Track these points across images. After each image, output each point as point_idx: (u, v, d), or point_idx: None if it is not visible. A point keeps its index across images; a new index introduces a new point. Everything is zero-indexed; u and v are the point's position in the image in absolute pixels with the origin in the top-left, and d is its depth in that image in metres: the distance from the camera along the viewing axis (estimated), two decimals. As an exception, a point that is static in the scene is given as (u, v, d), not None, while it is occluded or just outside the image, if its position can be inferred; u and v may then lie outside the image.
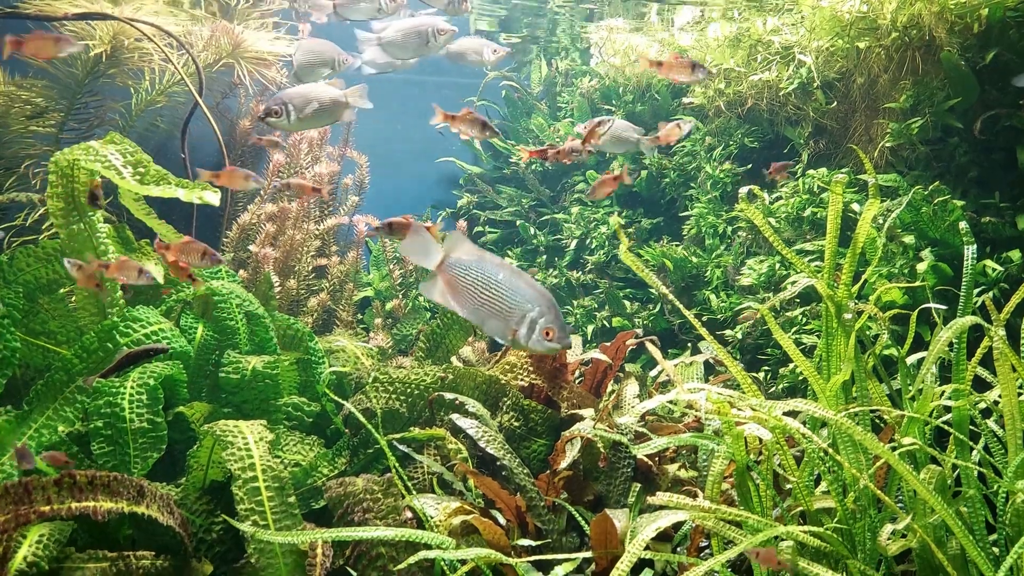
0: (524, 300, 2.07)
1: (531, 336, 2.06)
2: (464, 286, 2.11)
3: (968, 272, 2.75)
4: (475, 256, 2.14)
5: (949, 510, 2.22)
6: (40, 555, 2.40)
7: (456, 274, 2.12)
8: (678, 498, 2.36)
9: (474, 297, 2.10)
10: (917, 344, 3.11)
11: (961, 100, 3.80)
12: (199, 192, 3.28)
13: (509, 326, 2.07)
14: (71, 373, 2.93)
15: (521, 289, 2.08)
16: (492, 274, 2.10)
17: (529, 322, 2.06)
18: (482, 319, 2.11)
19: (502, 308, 2.07)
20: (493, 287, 2.08)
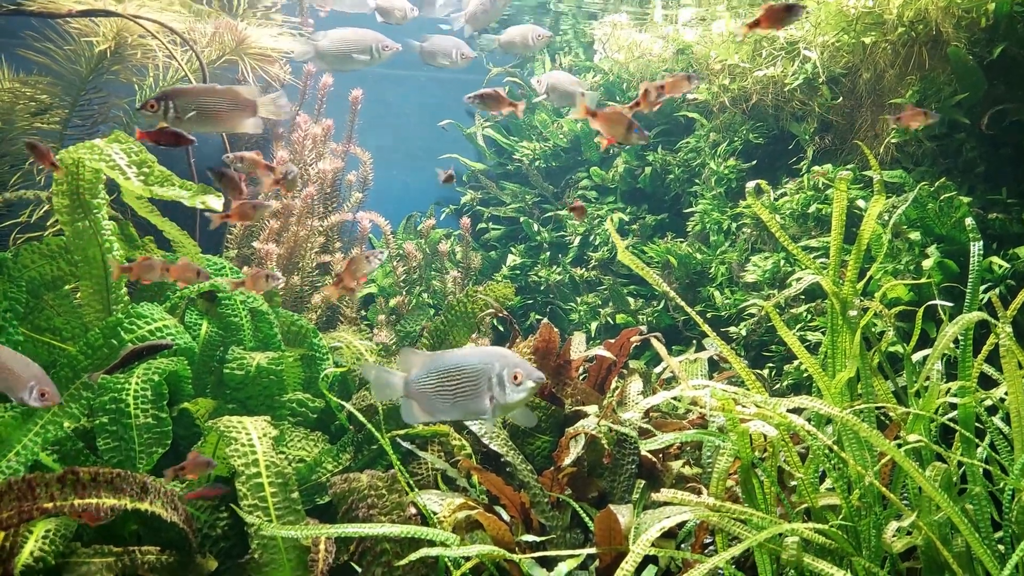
0: (481, 365, 2.13)
1: (505, 391, 2.11)
2: (432, 393, 2.17)
3: (975, 268, 2.74)
4: (426, 360, 2.21)
5: (955, 507, 2.21)
6: (46, 550, 2.41)
7: (421, 388, 2.19)
8: (683, 494, 2.36)
9: (443, 398, 2.16)
10: (923, 341, 3.10)
11: (968, 95, 3.78)
12: (202, 197, 3.29)
13: (484, 397, 2.12)
14: (76, 369, 2.93)
15: (473, 359, 2.15)
16: (444, 368, 2.16)
17: (497, 380, 2.11)
18: (463, 409, 2.17)
19: (470, 386, 2.13)
20: (454, 374, 2.15)
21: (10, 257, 3.29)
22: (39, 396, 1.97)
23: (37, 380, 1.96)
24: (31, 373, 1.97)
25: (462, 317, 4.10)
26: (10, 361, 2.00)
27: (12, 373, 1.98)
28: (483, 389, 2.12)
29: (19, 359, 1.99)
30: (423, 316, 5.08)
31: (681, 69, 5.60)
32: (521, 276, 5.84)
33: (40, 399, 1.97)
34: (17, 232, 4.22)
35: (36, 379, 1.96)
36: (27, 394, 1.97)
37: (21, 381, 1.97)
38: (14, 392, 1.97)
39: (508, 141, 6.54)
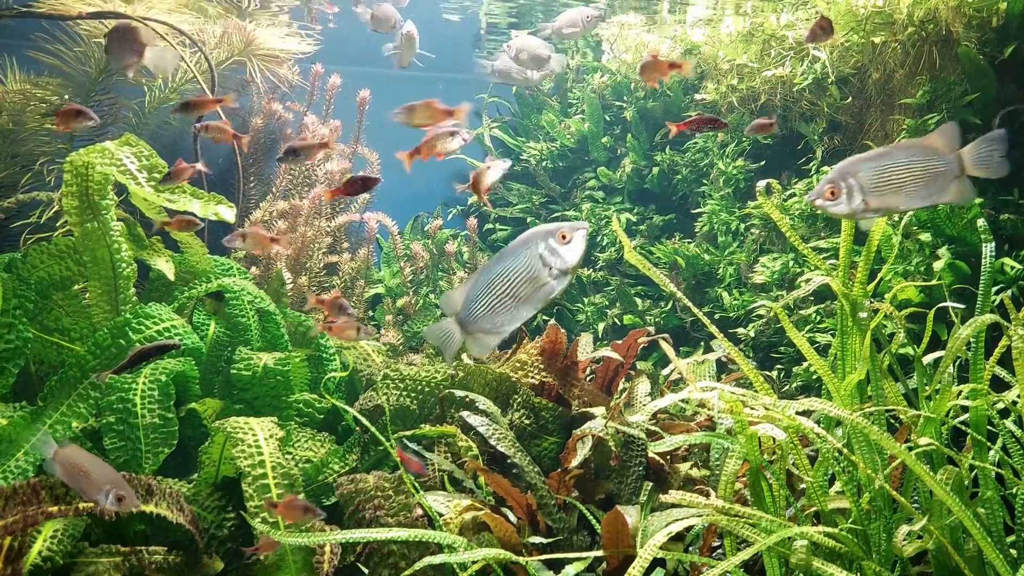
0: (523, 252, 1.99)
1: (561, 255, 1.96)
2: (490, 313, 2.04)
3: (986, 270, 2.71)
4: (466, 288, 2.08)
5: (966, 511, 2.19)
6: (54, 550, 2.42)
7: (477, 312, 2.06)
8: (691, 496, 2.34)
9: (505, 305, 2.02)
10: (934, 343, 3.08)
11: (979, 95, 3.74)
12: (214, 207, 3.30)
13: (543, 276, 1.98)
14: (84, 369, 2.94)
15: (513, 253, 2.01)
16: (489, 280, 2.03)
17: (548, 252, 1.97)
18: (528, 303, 2.01)
19: (524, 277, 1.99)
20: (503, 282, 2.01)
21: (20, 257, 3.31)
22: (116, 500, 1.99)
23: (113, 484, 1.99)
24: (108, 477, 1.99)
25: (469, 318, 4.09)
26: (87, 464, 2.03)
27: (91, 477, 2.00)
28: (538, 270, 1.98)
29: (96, 463, 2.03)
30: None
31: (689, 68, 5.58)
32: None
33: (117, 503, 1.99)
34: (27, 232, 4.24)
35: (112, 483, 1.99)
36: (103, 496, 1.99)
37: (97, 484, 2.00)
38: (89, 494, 2.00)
39: (515, 141, 6.53)
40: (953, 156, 2.01)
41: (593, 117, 5.92)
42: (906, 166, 2.01)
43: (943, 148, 2.02)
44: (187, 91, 4.86)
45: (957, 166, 2.02)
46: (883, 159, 2.01)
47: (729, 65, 4.97)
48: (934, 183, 2.02)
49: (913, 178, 2.02)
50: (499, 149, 6.66)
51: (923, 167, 2.01)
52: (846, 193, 2.03)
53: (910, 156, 2.02)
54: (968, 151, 2.00)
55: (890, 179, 2.01)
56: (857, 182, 2.01)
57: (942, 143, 2.02)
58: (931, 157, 2.02)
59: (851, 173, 2.02)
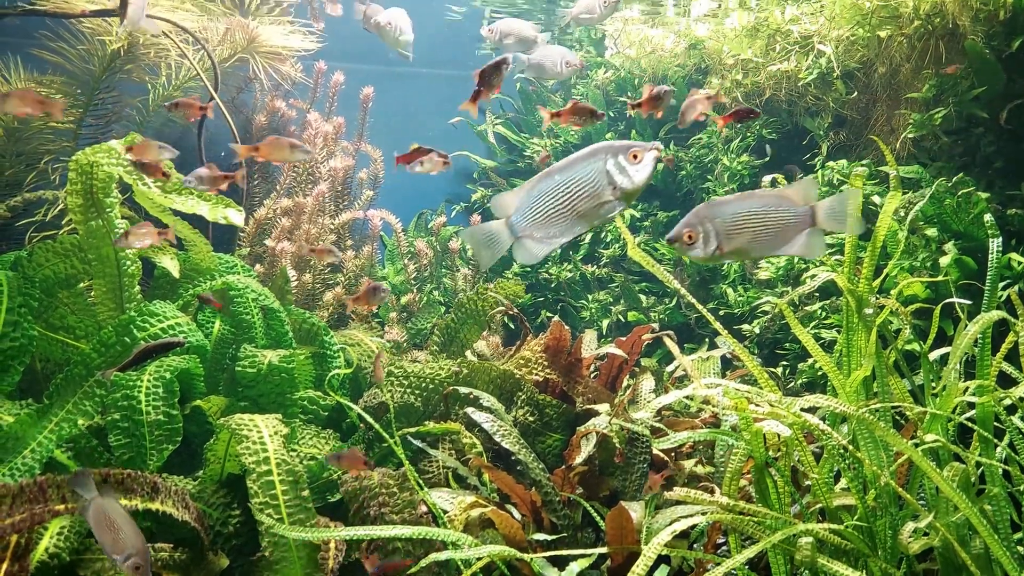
0: (591, 164, 1.91)
1: (629, 174, 1.89)
2: (544, 220, 1.95)
3: (993, 266, 2.70)
4: (522, 194, 1.97)
5: (973, 508, 2.18)
6: (61, 547, 2.43)
7: (527, 218, 1.97)
8: (695, 493, 2.34)
9: (561, 215, 1.94)
10: (940, 339, 3.06)
11: (986, 89, 3.72)
12: (223, 211, 3.30)
13: (606, 192, 1.91)
14: (90, 367, 2.95)
15: (579, 163, 1.92)
16: (550, 186, 1.94)
17: (616, 169, 1.91)
18: (585, 216, 1.93)
19: (586, 190, 1.91)
20: (563, 190, 1.93)
21: (25, 255, 3.31)
22: (133, 567, 2.00)
23: (138, 552, 2.00)
24: (133, 542, 2.01)
25: (472, 315, 4.09)
26: (122, 523, 2.04)
27: (119, 535, 2.01)
28: (602, 185, 1.91)
29: (127, 522, 2.04)
30: (434, 313, 5.08)
31: (693, 64, 5.56)
32: (532, 273, 5.82)
33: (134, 570, 2.00)
34: (33, 230, 4.25)
35: (137, 551, 2.00)
36: (121, 558, 2.00)
37: (123, 545, 2.01)
38: (111, 550, 2.01)
39: (519, 138, 6.52)
40: (806, 209, 2.06)
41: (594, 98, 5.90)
42: (760, 215, 2.06)
43: (798, 200, 2.07)
44: (190, 89, 4.87)
45: (809, 219, 2.06)
46: (739, 206, 2.06)
47: (734, 60, 4.95)
48: (786, 233, 2.06)
49: (766, 227, 2.06)
50: (502, 145, 6.65)
51: (776, 217, 2.06)
52: (702, 238, 2.06)
53: (765, 205, 2.06)
54: (821, 205, 2.07)
55: (744, 226, 2.06)
56: (713, 227, 2.05)
57: (798, 195, 2.07)
58: (785, 208, 2.06)
59: (708, 218, 2.06)
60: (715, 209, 2.05)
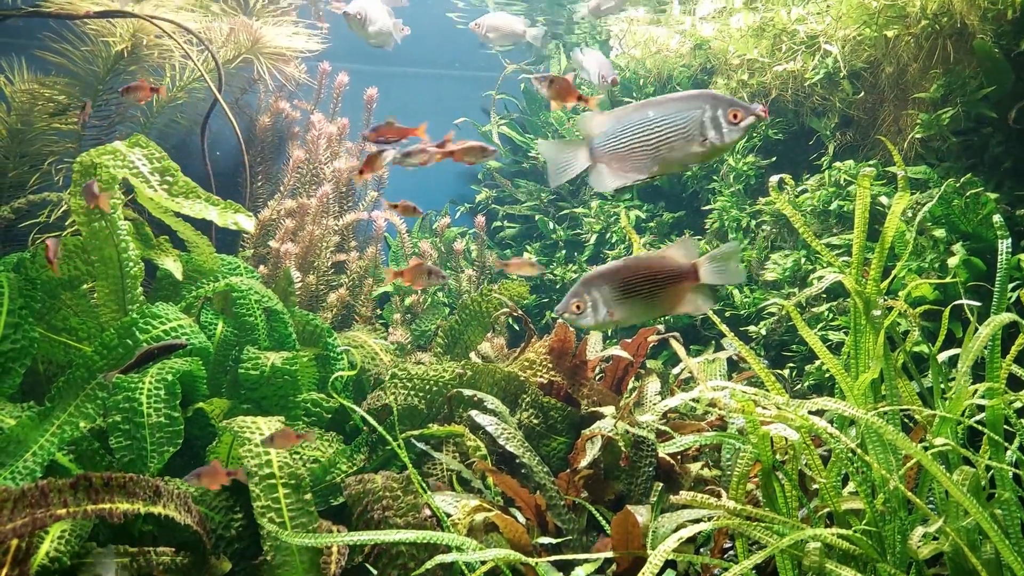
0: (688, 110, 1.88)
1: (723, 131, 1.86)
2: (627, 148, 1.92)
3: (1002, 267, 2.66)
4: (614, 116, 1.93)
5: (983, 512, 2.14)
6: (62, 550, 2.41)
7: (612, 147, 1.93)
8: (702, 497, 2.31)
9: (644, 150, 1.91)
10: (949, 341, 3.03)
11: (995, 89, 3.68)
12: (232, 216, 3.28)
13: (694, 143, 1.88)
14: (92, 370, 2.94)
15: (677, 105, 1.89)
16: (643, 118, 1.90)
17: (711, 122, 1.87)
18: (665, 161, 1.90)
19: (678, 132, 1.88)
20: (654, 127, 1.89)
21: (28, 257, 3.30)
22: None
23: None
24: None
25: (476, 316, 4.07)
26: None
27: None
28: (694, 133, 1.88)
29: None
30: (438, 315, 5.06)
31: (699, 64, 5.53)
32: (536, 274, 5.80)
33: None
34: (36, 232, 4.25)
35: None
36: None
37: None
38: None
39: (523, 139, 6.50)
40: (689, 266, 2.09)
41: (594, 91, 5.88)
42: (646, 278, 2.06)
43: (681, 259, 2.09)
44: (194, 89, 4.86)
45: (694, 276, 2.08)
46: (624, 271, 2.07)
47: (739, 60, 4.92)
48: (672, 292, 2.08)
49: (653, 289, 2.07)
50: (507, 146, 6.63)
51: (663, 279, 2.08)
52: (591, 307, 2.07)
53: (650, 268, 2.07)
54: (703, 262, 2.09)
55: (631, 291, 2.07)
56: (600, 295, 2.06)
57: (680, 254, 2.09)
58: (670, 268, 2.08)
59: (595, 286, 2.07)
60: (601, 277, 2.07)
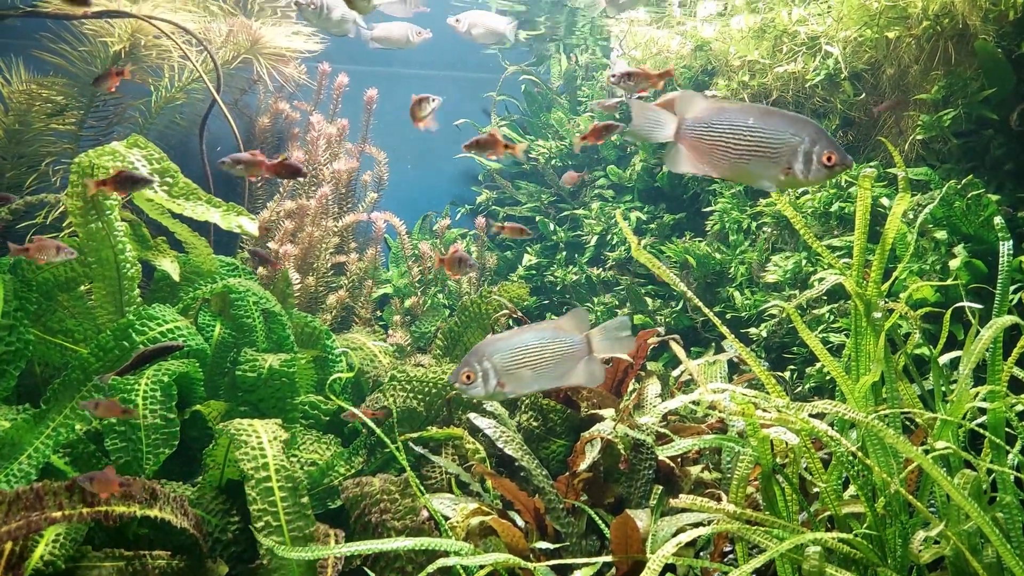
0: (788, 134, 1.85)
1: (810, 168, 1.85)
2: (713, 143, 1.89)
3: (1004, 269, 2.65)
4: (713, 109, 1.90)
5: (985, 516, 2.13)
6: (57, 554, 2.40)
7: (700, 134, 1.90)
8: (701, 501, 2.30)
9: (728, 151, 1.88)
10: (950, 344, 3.01)
11: (996, 90, 3.66)
12: (236, 219, 3.26)
13: (780, 167, 1.86)
14: (88, 371, 2.92)
15: (780, 124, 1.87)
16: (741, 120, 1.88)
17: (803, 154, 1.85)
18: (743, 171, 1.88)
19: (766, 151, 1.86)
20: (747, 133, 1.87)
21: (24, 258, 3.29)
22: None
23: None
24: None
25: (476, 318, 4.06)
26: None
27: None
28: (782, 157, 1.85)
29: None
30: (438, 317, 5.05)
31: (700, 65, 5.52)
32: (537, 276, 5.78)
33: None
34: (32, 233, 4.23)
35: None
36: None
37: None
38: None
39: (524, 140, 6.48)
40: (581, 338, 2.10)
41: (602, 115, 5.86)
42: (537, 348, 2.08)
43: (572, 330, 2.10)
44: (193, 90, 4.85)
45: (585, 347, 2.10)
46: (515, 342, 2.08)
47: (740, 61, 4.91)
48: (564, 364, 2.09)
49: (544, 359, 2.09)
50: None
51: (553, 349, 2.09)
52: (481, 377, 2.08)
53: (541, 339, 2.08)
54: (595, 333, 2.11)
55: (522, 361, 2.09)
56: (491, 365, 2.07)
57: (571, 325, 2.10)
58: (561, 339, 2.09)
59: (486, 356, 2.08)
60: (492, 346, 2.07)
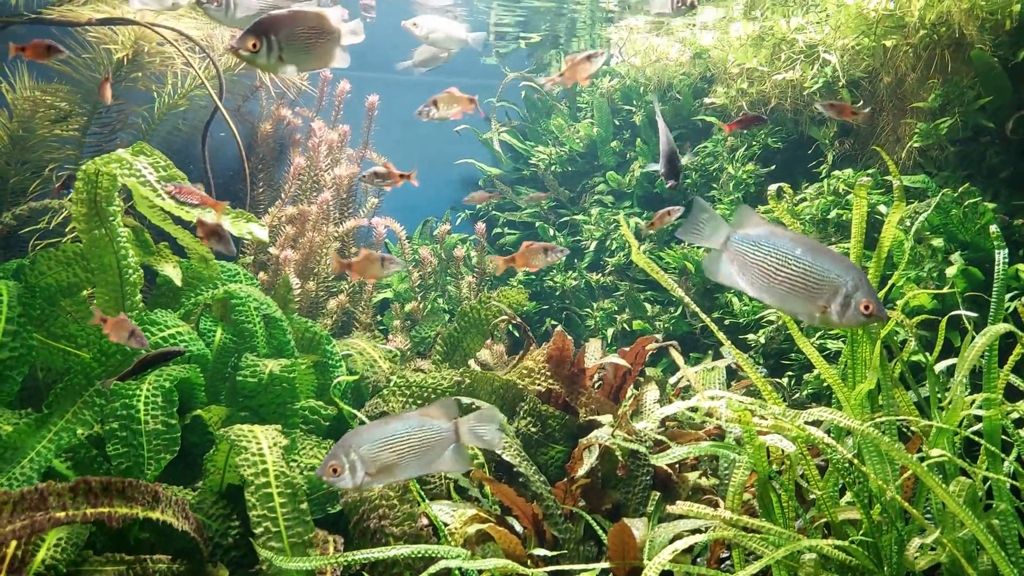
0: (832, 275, 1.87)
1: (846, 312, 1.87)
2: (756, 264, 1.91)
3: (1000, 277, 2.66)
4: (765, 230, 1.93)
5: (980, 524, 2.14)
6: (58, 558, 2.41)
7: (745, 251, 1.92)
8: (698, 507, 2.31)
9: (769, 276, 1.90)
10: (946, 351, 3.02)
11: (992, 99, 3.69)
12: (246, 225, 3.28)
13: (816, 304, 1.88)
14: (90, 376, 2.94)
15: (826, 263, 1.89)
16: (789, 249, 1.89)
17: (843, 297, 1.87)
18: (780, 298, 1.90)
19: (807, 285, 1.88)
20: (792, 263, 1.88)
21: (28, 264, 3.32)
22: None
23: None
24: None
25: (475, 324, 4.08)
26: None
27: None
28: (821, 297, 1.87)
29: None
30: (438, 322, 5.07)
31: (699, 73, 5.55)
32: (537, 281, 5.81)
33: None
34: (36, 238, 4.26)
35: None
36: None
37: None
38: None
39: (524, 146, 6.51)
40: (449, 426, 2.15)
41: (602, 121, 5.90)
42: (404, 437, 2.11)
43: (440, 418, 2.15)
44: (196, 97, 4.88)
45: (453, 435, 2.14)
46: (382, 431, 2.11)
47: (739, 69, 4.94)
48: (432, 451, 2.13)
49: (411, 448, 2.12)
50: (508, 153, 6.65)
51: (421, 437, 2.13)
52: (349, 469, 2.11)
53: (407, 428, 2.12)
54: (463, 422, 2.15)
55: (389, 451, 2.12)
56: (359, 456, 2.10)
57: (440, 413, 2.15)
58: (429, 427, 2.13)
59: (353, 448, 2.10)
60: (359, 438, 2.09)
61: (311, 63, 2.43)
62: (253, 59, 2.31)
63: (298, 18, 2.37)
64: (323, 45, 2.40)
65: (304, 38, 2.37)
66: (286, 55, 2.34)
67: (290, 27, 2.34)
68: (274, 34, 2.32)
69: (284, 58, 2.34)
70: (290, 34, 2.34)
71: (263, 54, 2.31)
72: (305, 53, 2.39)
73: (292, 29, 2.34)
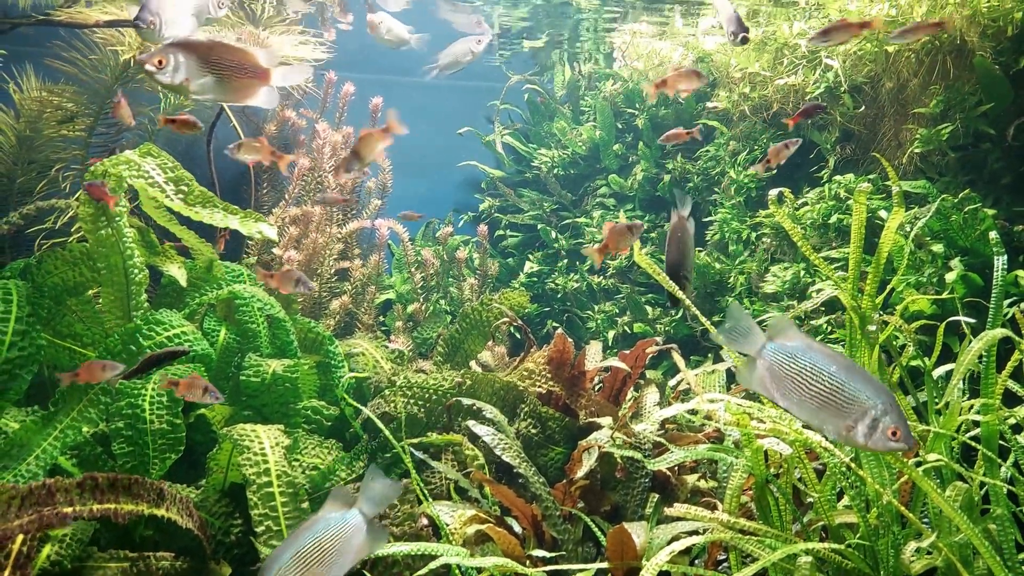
0: (863, 396, 1.91)
1: (872, 435, 1.90)
2: (789, 376, 1.95)
3: (998, 283, 2.68)
4: (802, 344, 1.97)
5: (975, 529, 2.16)
6: (63, 554, 2.44)
7: (780, 362, 1.97)
8: (696, 510, 2.33)
9: (801, 389, 1.95)
10: (945, 356, 3.04)
11: (994, 105, 3.70)
12: (255, 225, 3.30)
13: (844, 423, 1.92)
14: (95, 375, 2.97)
15: (858, 383, 1.92)
16: (823, 365, 1.93)
17: (870, 420, 1.91)
18: (808, 412, 1.95)
19: (837, 403, 1.92)
20: (825, 380, 1.93)
21: (34, 263, 3.35)
22: None
23: None
24: None
25: (477, 326, 4.10)
26: None
27: None
28: (849, 416, 1.91)
29: None
30: (440, 323, 5.09)
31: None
32: (538, 283, 5.83)
33: None
34: (42, 238, 4.30)
35: None
36: None
37: None
38: None
39: (527, 149, 6.54)
40: (355, 512, 2.10)
41: (605, 125, 5.92)
42: (315, 546, 2.03)
43: (342, 507, 2.09)
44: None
45: (362, 518, 2.10)
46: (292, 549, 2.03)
47: (741, 73, 4.96)
48: (350, 544, 2.06)
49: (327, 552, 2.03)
50: (510, 156, 6.67)
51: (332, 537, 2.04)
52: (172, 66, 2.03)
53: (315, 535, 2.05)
54: (362, 501, 2.11)
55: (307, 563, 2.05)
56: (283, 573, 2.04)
57: (339, 504, 2.10)
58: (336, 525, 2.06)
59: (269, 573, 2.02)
60: (275, 562, 2.00)
61: (225, 96, 2.43)
62: (154, 76, 2.31)
63: (216, 48, 2.35)
64: (241, 81, 2.40)
65: (219, 69, 2.36)
66: (194, 81, 2.34)
67: (204, 55, 2.32)
68: (184, 57, 2.31)
69: (191, 84, 2.33)
70: (202, 61, 2.33)
71: (167, 73, 2.31)
72: (218, 84, 2.36)
73: (206, 57, 2.34)
